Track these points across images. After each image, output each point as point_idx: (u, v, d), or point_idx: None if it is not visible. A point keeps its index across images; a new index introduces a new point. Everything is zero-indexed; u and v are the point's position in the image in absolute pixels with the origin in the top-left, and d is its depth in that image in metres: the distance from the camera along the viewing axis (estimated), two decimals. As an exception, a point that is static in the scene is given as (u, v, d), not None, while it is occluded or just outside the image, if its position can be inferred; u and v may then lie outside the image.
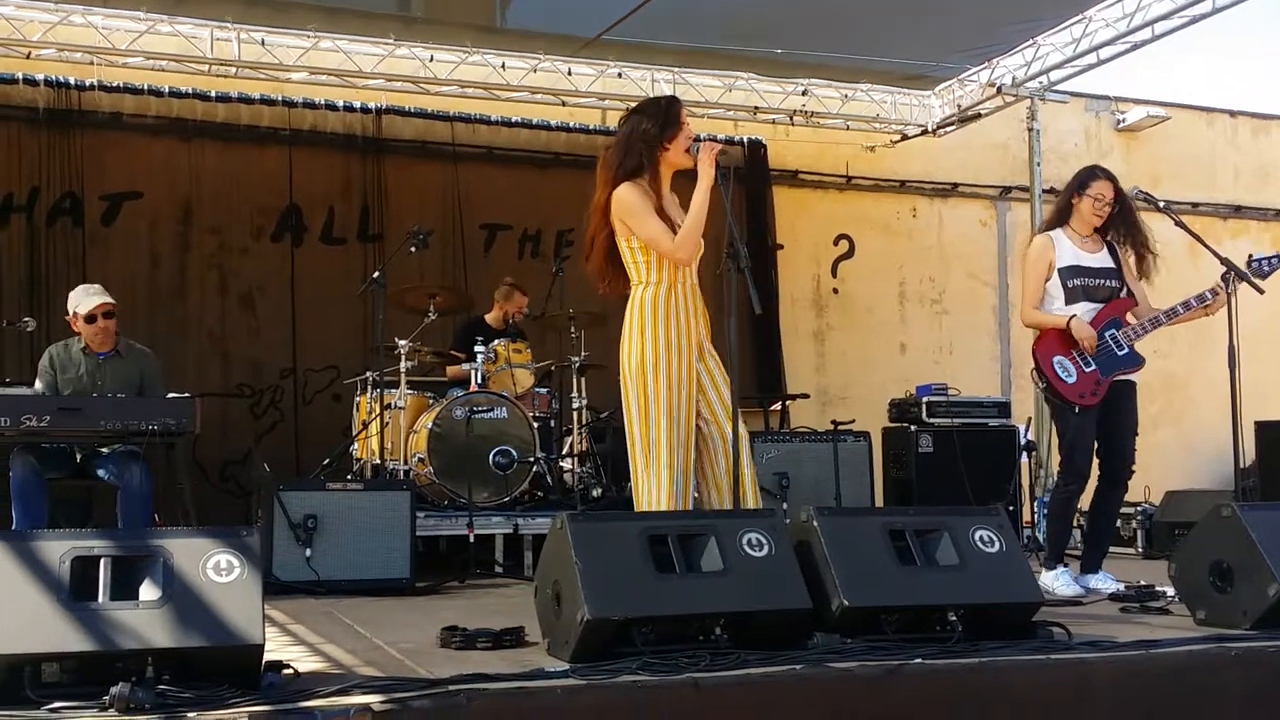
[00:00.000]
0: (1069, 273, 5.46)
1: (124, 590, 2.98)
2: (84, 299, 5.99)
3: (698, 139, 4.60)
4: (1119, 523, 8.08)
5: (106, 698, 2.74)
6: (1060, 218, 5.56)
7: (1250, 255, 5.43)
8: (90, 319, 5.95)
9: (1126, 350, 5.43)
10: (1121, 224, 5.54)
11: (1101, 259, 5.50)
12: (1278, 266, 5.37)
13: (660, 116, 4.58)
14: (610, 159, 4.60)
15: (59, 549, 3.00)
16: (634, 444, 4.47)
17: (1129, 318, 5.50)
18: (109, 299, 6.01)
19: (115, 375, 6.01)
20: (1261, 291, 5.24)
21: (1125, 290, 5.51)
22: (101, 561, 3.00)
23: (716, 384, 4.57)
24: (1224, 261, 5.30)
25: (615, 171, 4.54)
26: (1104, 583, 5.35)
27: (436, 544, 7.00)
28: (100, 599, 2.95)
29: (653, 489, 4.40)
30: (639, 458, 4.46)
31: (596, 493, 7.41)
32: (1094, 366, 5.38)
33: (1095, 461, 5.48)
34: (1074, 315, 5.40)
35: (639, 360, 4.47)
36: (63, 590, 2.94)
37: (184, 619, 2.94)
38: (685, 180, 4.56)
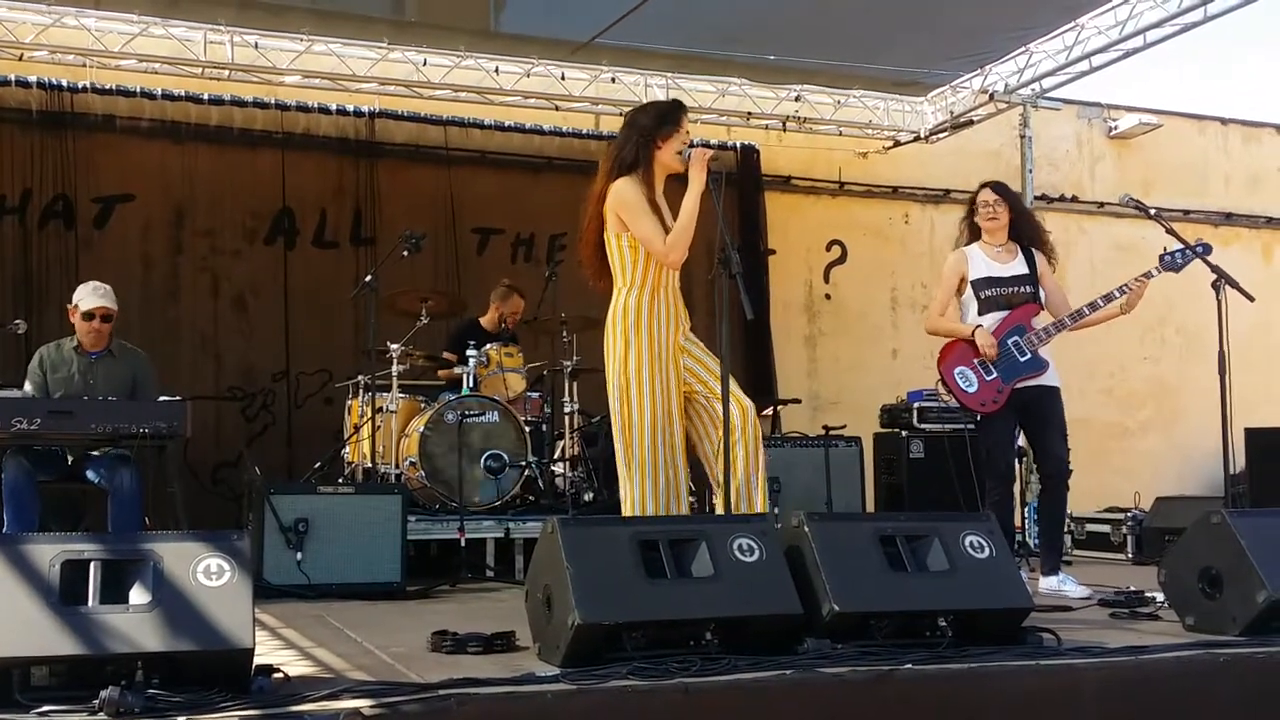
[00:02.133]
0: (981, 284, 5.62)
1: (114, 594, 2.98)
2: (89, 296, 6.01)
3: (691, 144, 4.64)
4: (1108, 529, 8.12)
5: (96, 701, 2.73)
6: (973, 234, 5.76)
7: (1164, 249, 5.50)
8: (88, 316, 5.97)
9: (1029, 356, 5.53)
10: (1021, 227, 5.70)
11: (1015, 267, 5.65)
12: (1190, 259, 5.44)
13: (659, 115, 4.67)
14: (611, 150, 4.71)
15: (49, 553, 3.00)
16: (619, 449, 4.52)
17: (1035, 323, 5.57)
18: (112, 305, 6.02)
19: (108, 375, 6.01)
20: (1251, 299, 5.26)
21: (1037, 296, 5.61)
22: (91, 565, 3.00)
23: (706, 365, 4.61)
24: (1214, 269, 5.32)
25: (613, 162, 4.63)
26: (1065, 585, 5.35)
27: (427, 548, 7.00)
28: (90, 603, 2.95)
29: (635, 494, 4.45)
30: (622, 463, 4.51)
31: (588, 497, 7.41)
32: (995, 374, 5.49)
33: (1032, 466, 5.51)
34: (978, 325, 5.52)
35: (621, 367, 4.51)
36: (52, 594, 2.93)
37: (174, 623, 2.93)
38: (679, 185, 4.59)
